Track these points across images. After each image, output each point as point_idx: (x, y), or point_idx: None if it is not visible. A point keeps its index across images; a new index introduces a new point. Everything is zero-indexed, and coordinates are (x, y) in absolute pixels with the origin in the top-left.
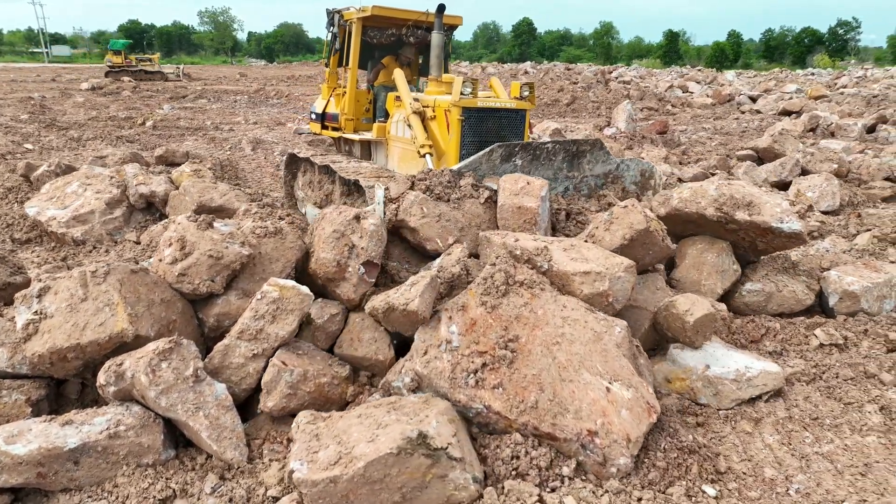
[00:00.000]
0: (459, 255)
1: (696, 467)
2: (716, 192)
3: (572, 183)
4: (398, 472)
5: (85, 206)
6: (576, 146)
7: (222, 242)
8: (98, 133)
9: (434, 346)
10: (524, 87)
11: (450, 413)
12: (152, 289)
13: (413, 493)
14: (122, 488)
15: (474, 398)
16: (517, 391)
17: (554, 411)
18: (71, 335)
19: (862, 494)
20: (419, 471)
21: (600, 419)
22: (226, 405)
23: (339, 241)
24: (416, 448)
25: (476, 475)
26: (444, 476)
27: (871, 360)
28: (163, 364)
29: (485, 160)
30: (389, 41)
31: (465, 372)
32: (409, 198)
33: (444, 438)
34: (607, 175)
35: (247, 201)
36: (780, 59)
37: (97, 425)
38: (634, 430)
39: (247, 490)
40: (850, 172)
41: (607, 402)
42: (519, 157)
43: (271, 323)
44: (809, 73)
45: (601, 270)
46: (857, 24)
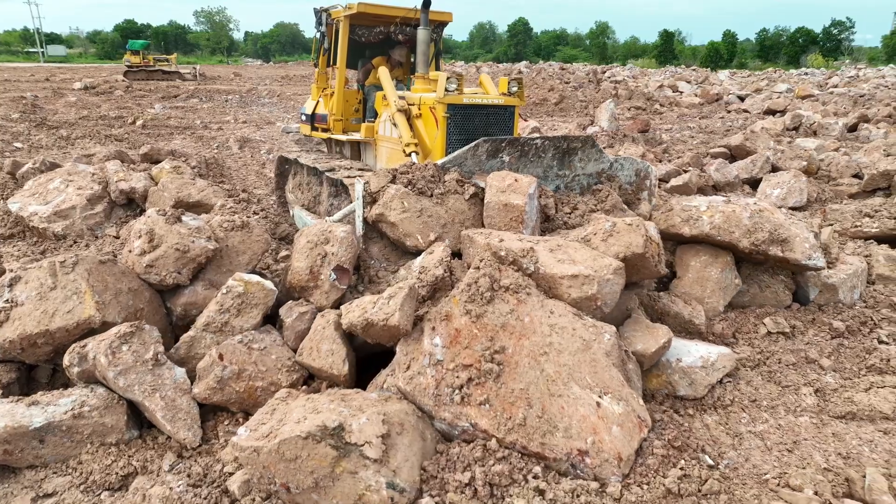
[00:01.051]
0: (442, 256)
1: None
2: (750, 220)
3: (563, 181)
4: (307, 456)
5: (66, 202)
6: (566, 143)
7: (189, 237)
8: (87, 132)
9: (417, 360)
10: (512, 83)
11: (399, 416)
12: (120, 278)
13: (325, 481)
14: (86, 465)
15: (460, 416)
16: (504, 407)
17: (543, 429)
18: (40, 322)
19: (785, 468)
20: (326, 460)
21: (591, 437)
22: (184, 388)
23: (313, 250)
24: (325, 437)
25: (396, 482)
26: (354, 472)
27: (814, 346)
28: (123, 347)
29: (470, 155)
30: (378, 39)
31: (449, 388)
32: (390, 192)
33: (363, 436)
34: (600, 174)
35: (224, 197)
36: (774, 58)
37: (62, 406)
38: (626, 448)
39: (203, 467)
40: (820, 170)
41: (598, 418)
42: (506, 152)
43: (236, 316)
44: (803, 73)
45: (589, 273)
46: (850, 24)
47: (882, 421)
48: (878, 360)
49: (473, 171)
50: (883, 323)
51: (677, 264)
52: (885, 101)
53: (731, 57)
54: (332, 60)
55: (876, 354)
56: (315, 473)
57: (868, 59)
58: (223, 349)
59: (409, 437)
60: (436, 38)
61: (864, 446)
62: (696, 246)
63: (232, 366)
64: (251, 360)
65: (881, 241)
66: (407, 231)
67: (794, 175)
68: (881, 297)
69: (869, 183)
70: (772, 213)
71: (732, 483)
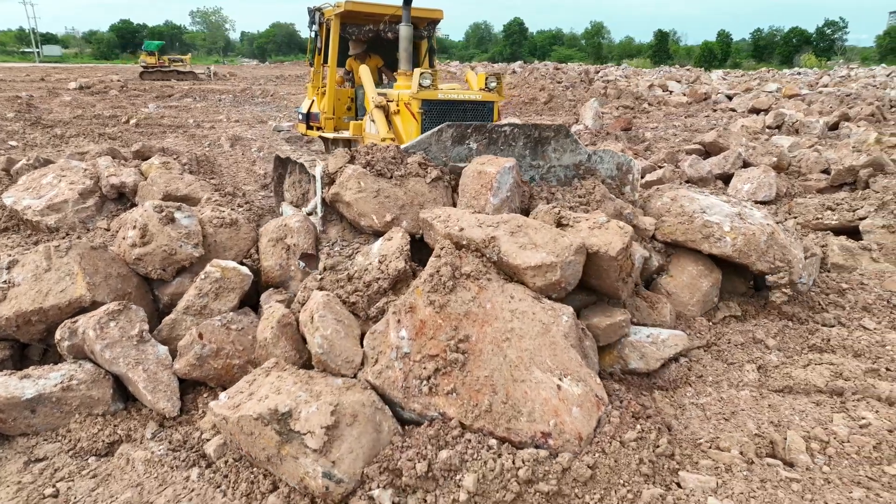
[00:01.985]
0: (401, 243)
1: None
2: (765, 244)
3: (538, 173)
4: (259, 434)
5: (59, 196)
6: (538, 131)
7: (178, 240)
8: (81, 130)
9: (385, 353)
10: (490, 78)
11: (354, 407)
12: (110, 264)
13: (274, 458)
14: (75, 433)
15: (429, 406)
16: (471, 395)
17: (508, 415)
18: (35, 300)
19: (719, 433)
20: (272, 442)
21: (553, 419)
22: (165, 364)
23: (276, 247)
24: (272, 422)
25: (333, 473)
26: (296, 457)
27: (762, 328)
28: (111, 323)
29: (434, 140)
30: (368, 38)
31: (417, 379)
32: (347, 172)
33: (308, 425)
34: (578, 166)
35: (210, 191)
36: (768, 58)
37: (52, 379)
38: (586, 428)
39: (183, 435)
40: (791, 165)
41: (559, 400)
42: (473, 139)
43: (214, 300)
44: (796, 73)
45: (552, 261)
46: (843, 25)
47: (815, 394)
48: (820, 339)
49: (439, 158)
50: (830, 307)
51: (674, 263)
52: (868, 100)
53: (725, 57)
54: (325, 59)
55: (818, 335)
56: (266, 451)
57: (861, 58)
58: (203, 329)
59: (359, 429)
60: (428, 35)
61: (794, 416)
62: (694, 255)
63: (211, 344)
64: (229, 340)
65: (840, 232)
66: (362, 211)
67: (764, 170)
68: (832, 284)
69: (836, 178)
70: (778, 234)
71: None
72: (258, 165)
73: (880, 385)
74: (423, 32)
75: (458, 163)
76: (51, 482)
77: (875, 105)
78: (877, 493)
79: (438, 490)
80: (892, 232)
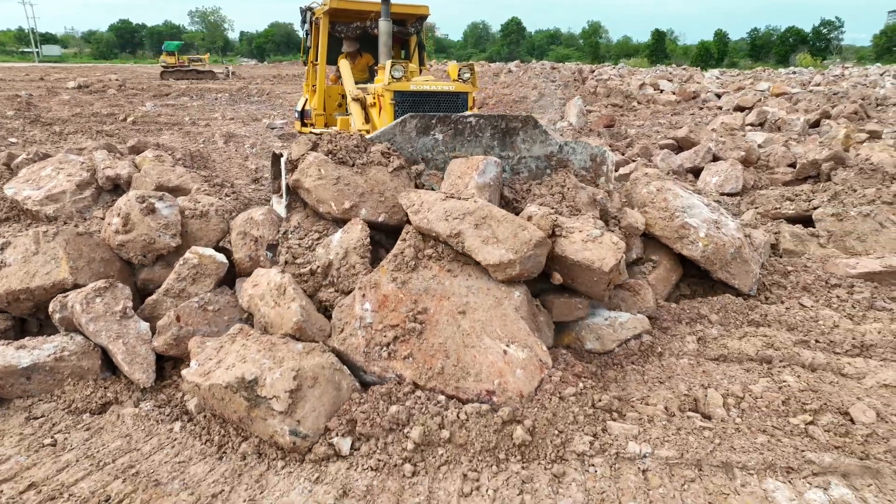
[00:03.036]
0: (360, 236)
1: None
2: (731, 256)
3: (508, 164)
4: (229, 400)
5: (57, 187)
6: (504, 122)
7: (157, 230)
8: (80, 128)
9: (349, 324)
10: (464, 70)
11: (315, 370)
12: (95, 249)
13: (245, 420)
14: (69, 394)
15: (387, 369)
16: (426, 359)
17: (457, 376)
18: (23, 280)
19: (654, 394)
20: (241, 406)
21: (497, 379)
22: (145, 339)
23: (244, 239)
24: (240, 389)
25: (299, 430)
26: (264, 419)
27: (706, 304)
28: (97, 299)
29: (398, 131)
30: (356, 35)
31: (378, 346)
32: (308, 159)
33: (273, 391)
34: (550, 157)
35: (201, 182)
36: (765, 58)
37: (45, 350)
38: (527, 387)
39: (167, 395)
40: (760, 160)
41: (504, 363)
42: (438, 129)
43: (192, 284)
44: (791, 72)
45: (511, 258)
46: (839, 24)
47: (747, 362)
48: (758, 315)
49: (405, 149)
50: (773, 287)
51: (651, 254)
52: (852, 98)
53: (722, 56)
54: (315, 56)
55: (757, 311)
56: (237, 413)
57: (857, 58)
58: (181, 311)
59: (320, 389)
60: (416, 31)
61: (724, 380)
62: (667, 252)
63: (188, 326)
64: (205, 321)
65: (796, 221)
66: (321, 197)
67: (731, 164)
68: (779, 267)
69: (800, 171)
70: (744, 249)
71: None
72: (250, 161)
73: (804, 353)
74: (411, 29)
75: (425, 152)
76: (49, 434)
77: (858, 103)
78: (778, 439)
79: (391, 437)
80: (840, 220)
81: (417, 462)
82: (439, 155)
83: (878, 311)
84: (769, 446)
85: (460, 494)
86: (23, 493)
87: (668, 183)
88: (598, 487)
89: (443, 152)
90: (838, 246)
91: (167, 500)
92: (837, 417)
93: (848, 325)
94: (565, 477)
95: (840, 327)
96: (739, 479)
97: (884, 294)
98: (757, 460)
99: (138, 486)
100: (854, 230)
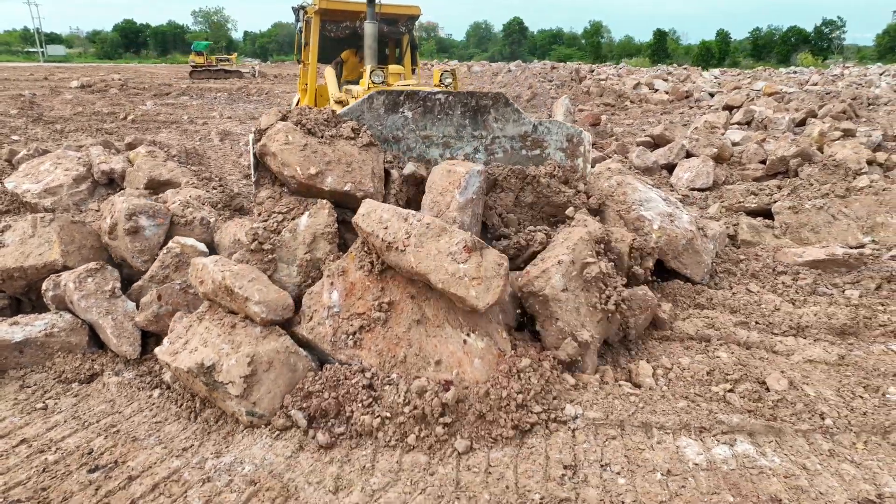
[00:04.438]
0: (327, 221)
1: None
2: (682, 246)
3: (482, 144)
4: (193, 382)
5: (55, 181)
6: (474, 99)
7: (131, 253)
8: (81, 126)
9: (318, 312)
10: (445, 74)
11: (270, 355)
12: (86, 237)
13: (209, 399)
14: (59, 366)
15: (353, 357)
16: (389, 348)
17: (419, 365)
18: (18, 260)
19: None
20: (204, 388)
21: (456, 370)
22: (131, 316)
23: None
24: (200, 374)
25: (255, 411)
26: (224, 401)
27: (658, 289)
28: (89, 279)
29: (366, 108)
30: (346, 34)
31: (344, 334)
32: (277, 126)
33: (229, 376)
34: (524, 137)
35: (190, 176)
36: (767, 57)
37: (37, 327)
38: (483, 376)
39: (147, 367)
40: (733, 156)
41: (463, 353)
42: (407, 107)
43: (174, 272)
44: (791, 72)
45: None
46: (842, 24)
47: (687, 340)
48: (705, 299)
49: (374, 127)
50: (724, 274)
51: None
52: (843, 97)
53: (723, 56)
54: (304, 56)
55: (704, 295)
56: (202, 393)
57: (859, 57)
58: (162, 291)
59: (275, 373)
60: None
61: (662, 355)
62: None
63: (167, 305)
64: (185, 302)
65: (758, 214)
66: (286, 161)
67: (703, 160)
68: (732, 256)
69: (770, 167)
70: (696, 240)
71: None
72: (244, 158)
73: (741, 332)
74: (402, 29)
75: (395, 131)
76: (41, 399)
77: (847, 103)
78: (697, 404)
79: (339, 413)
80: (795, 212)
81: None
82: (410, 134)
83: (818, 296)
84: (687, 410)
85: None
86: (16, 447)
87: (628, 178)
88: (530, 443)
89: (413, 131)
90: (794, 237)
91: (143, 452)
92: (755, 386)
93: (788, 308)
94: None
95: (781, 310)
96: (656, 438)
97: (826, 281)
98: (674, 421)
99: (118, 442)
100: (808, 222)
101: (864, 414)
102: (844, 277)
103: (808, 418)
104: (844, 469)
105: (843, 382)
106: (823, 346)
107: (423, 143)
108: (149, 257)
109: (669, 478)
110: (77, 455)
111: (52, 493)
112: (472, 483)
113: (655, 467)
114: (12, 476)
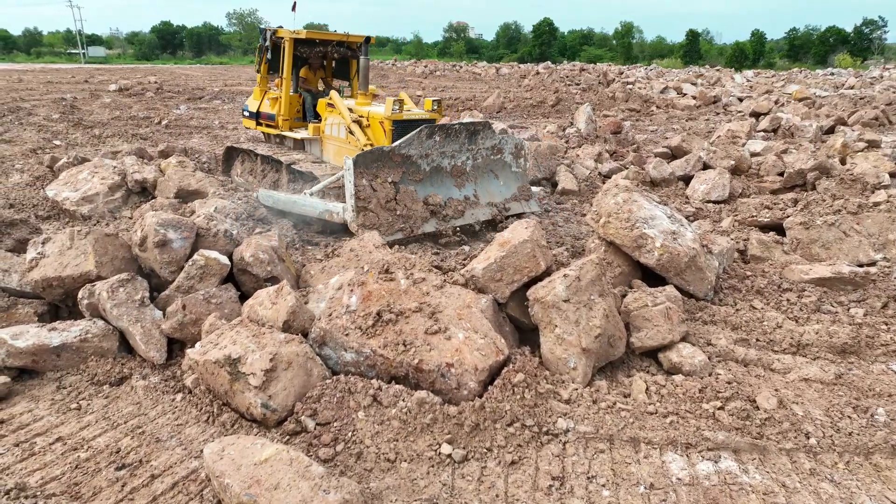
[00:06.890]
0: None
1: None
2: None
3: (471, 154)
4: (217, 373)
5: (92, 189)
6: (473, 126)
7: (160, 264)
8: (118, 131)
9: (337, 309)
10: (434, 103)
11: (290, 356)
12: (119, 248)
13: (230, 392)
14: (92, 368)
15: (364, 345)
16: (398, 340)
17: (423, 351)
18: (56, 270)
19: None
20: (226, 380)
21: (457, 356)
22: (158, 324)
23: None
24: (225, 365)
25: (269, 404)
26: (243, 392)
27: None
28: (120, 289)
29: (415, 138)
30: (318, 57)
31: (359, 329)
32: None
33: (252, 367)
34: (493, 148)
35: (217, 186)
36: (804, 58)
37: (73, 332)
38: (482, 363)
39: (171, 373)
40: (751, 168)
41: (463, 344)
42: (438, 135)
43: (199, 282)
44: (829, 73)
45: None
46: (883, 23)
47: None
48: (707, 315)
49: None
50: (727, 290)
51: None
52: (877, 103)
53: (757, 57)
54: (279, 71)
55: (707, 311)
56: (223, 386)
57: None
58: (187, 301)
59: (293, 373)
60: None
61: (658, 373)
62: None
63: (191, 315)
64: (207, 311)
65: (771, 228)
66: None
67: (720, 173)
68: (739, 271)
69: (787, 180)
70: (699, 258)
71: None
72: None
73: (738, 350)
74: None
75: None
76: (76, 400)
77: (881, 109)
78: (686, 420)
79: (345, 421)
80: (806, 228)
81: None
82: (435, 151)
83: (822, 314)
84: (675, 426)
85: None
86: (52, 444)
87: (634, 195)
88: (522, 455)
89: (436, 148)
90: (804, 253)
91: (165, 453)
92: (744, 404)
93: (791, 325)
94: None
95: (783, 328)
96: (643, 452)
97: (832, 298)
98: (661, 437)
99: (143, 442)
100: (819, 238)
101: (849, 434)
102: (851, 295)
103: (794, 437)
104: (823, 488)
105: (834, 402)
106: (821, 364)
107: (440, 155)
108: (176, 268)
109: (652, 491)
110: (106, 454)
111: (84, 488)
112: (465, 490)
113: (639, 481)
114: (49, 471)
